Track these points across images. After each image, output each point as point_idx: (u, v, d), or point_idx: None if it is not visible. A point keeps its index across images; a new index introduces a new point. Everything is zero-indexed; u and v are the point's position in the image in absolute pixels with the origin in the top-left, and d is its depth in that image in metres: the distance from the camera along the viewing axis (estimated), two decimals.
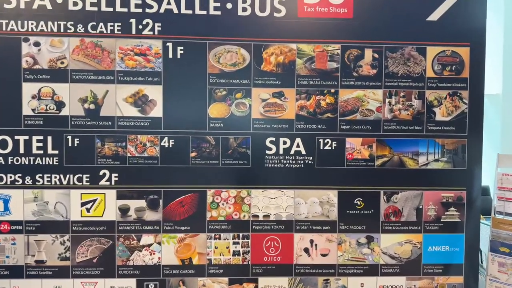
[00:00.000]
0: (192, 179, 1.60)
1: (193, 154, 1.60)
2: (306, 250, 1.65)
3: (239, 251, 1.63)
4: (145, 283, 1.61)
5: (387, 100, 1.63)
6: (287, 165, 1.62)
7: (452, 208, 1.66)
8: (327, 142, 1.63)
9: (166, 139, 1.59)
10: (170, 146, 1.59)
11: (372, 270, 1.66)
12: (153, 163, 1.59)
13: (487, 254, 1.61)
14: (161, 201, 1.60)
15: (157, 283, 1.61)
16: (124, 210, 1.60)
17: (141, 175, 1.59)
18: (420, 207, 1.65)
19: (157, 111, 1.59)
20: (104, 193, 1.59)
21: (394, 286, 1.67)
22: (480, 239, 1.67)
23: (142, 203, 1.60)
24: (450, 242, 1.66)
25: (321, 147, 1.62)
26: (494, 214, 1.60)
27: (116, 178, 1.58)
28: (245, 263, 1.63)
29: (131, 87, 1.58)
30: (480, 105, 1.67)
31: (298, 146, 1.62)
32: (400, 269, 1.66)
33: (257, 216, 1.63)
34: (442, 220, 1.66)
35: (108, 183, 1.58)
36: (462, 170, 1.65)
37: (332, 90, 1.62)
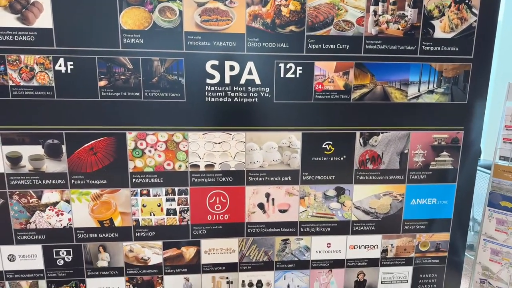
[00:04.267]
0: (104, 118, 1.18)
1: (102, 83, 1.16)
2: (261, 205, 1.31)
3: (174, 209, 1.27)
4: (54, 250, 1.26)
5: (371, 8, 1.19)
6: (235, 99, 1.21)
7: (444, 153, 1.32)
8: (290, 67, 1.21)
9: (61, 61, 1.13)
10: (69, 71, 1.14)
11: (342, 228, 1.36)
12: (47, 95, 1.15)
13: (483, 209, 1.31)
14: (64, 147, 1.19)
15: (70, 249, 1.27)
16: (14, 160, 1.19)
17: (33, 111, 1.16)
18: (406, 151, 1.31)
19: (45, 20, 1.10)
20: None
21: (367, 246, 1.38)
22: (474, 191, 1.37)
23: (38, 149, 1.19)
24: (439, 193, 1.35)
25: (282, 75, 1.21)
26: (497, 160, 1.27)
27: None
28: (183, 223, 1.29)
29: None
30: (494, 18, 1.25)
31: (250, 73, 1.20)
32: (375, 227, 1.37)
33: (197, 166, 1.25)
34: (431, 167, 1.33)
35: None
36: (462, 105, 1.29)
37: None
